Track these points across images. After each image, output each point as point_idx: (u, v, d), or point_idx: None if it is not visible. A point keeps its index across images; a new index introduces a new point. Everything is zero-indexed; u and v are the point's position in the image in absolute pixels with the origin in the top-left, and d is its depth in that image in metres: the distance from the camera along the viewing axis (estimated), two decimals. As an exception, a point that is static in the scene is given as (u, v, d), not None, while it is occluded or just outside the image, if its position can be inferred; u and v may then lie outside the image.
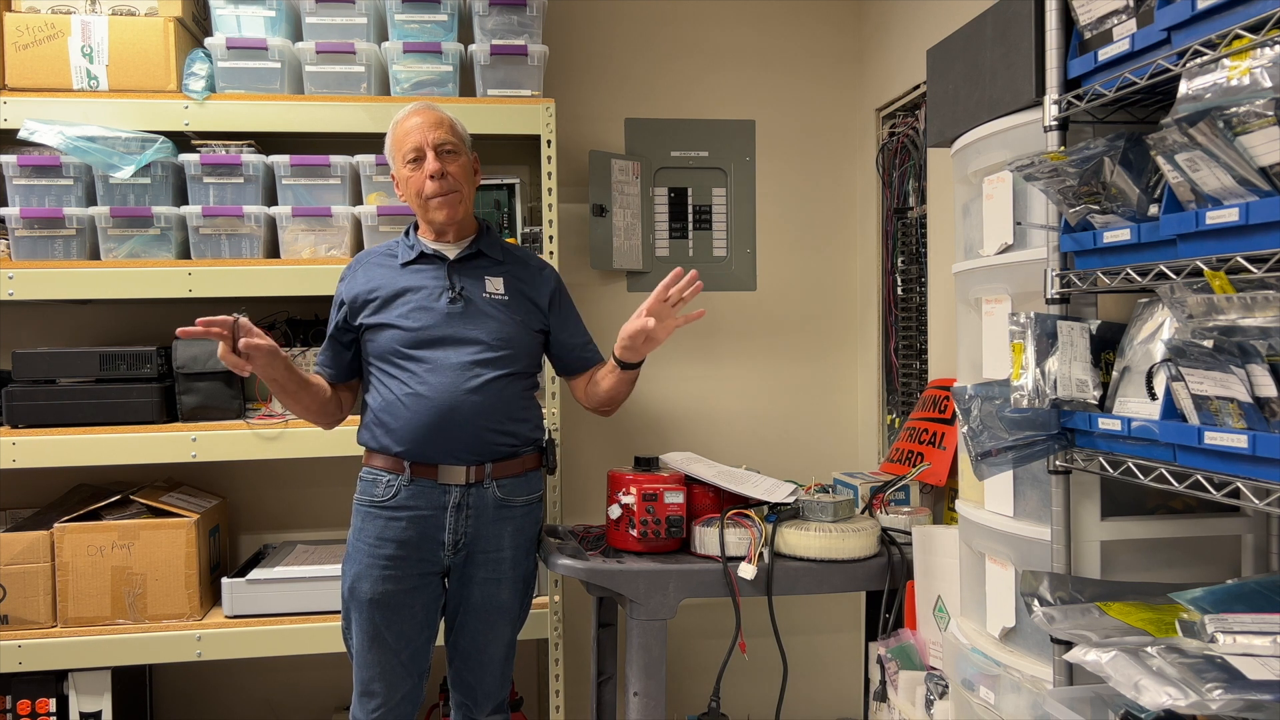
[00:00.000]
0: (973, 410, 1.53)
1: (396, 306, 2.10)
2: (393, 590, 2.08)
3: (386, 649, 2.09)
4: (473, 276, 2.15)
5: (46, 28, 2.51)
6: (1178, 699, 1.09)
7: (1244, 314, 1.10)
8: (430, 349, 2.07)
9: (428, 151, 2.07)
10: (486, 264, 2.18)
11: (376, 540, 2.08)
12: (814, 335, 3.31)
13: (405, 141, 2.09)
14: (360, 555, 2.09)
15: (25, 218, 2.49)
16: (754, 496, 2.26)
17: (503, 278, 2.18)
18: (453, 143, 2.10)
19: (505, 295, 2.16)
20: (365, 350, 2.15)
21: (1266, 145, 1.07)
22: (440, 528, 2.08)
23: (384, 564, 2.07)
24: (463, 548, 2.11)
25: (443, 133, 2.09)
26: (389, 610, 2.08)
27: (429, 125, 2.09)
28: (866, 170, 3.23)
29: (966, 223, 1.82)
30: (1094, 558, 1.52)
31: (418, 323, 2.08)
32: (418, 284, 2.12)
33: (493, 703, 2.22)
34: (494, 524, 2.12)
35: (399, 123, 2.13)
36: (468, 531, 2.10)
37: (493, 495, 2.11)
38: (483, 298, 2.13)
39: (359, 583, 2.09)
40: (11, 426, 2.50)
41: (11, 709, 2.49)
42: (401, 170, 2.12)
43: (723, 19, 3.23)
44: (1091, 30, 1.44)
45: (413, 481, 2.07)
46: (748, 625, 2.14)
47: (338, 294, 2.19)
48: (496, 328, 2.12)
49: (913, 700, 2.07)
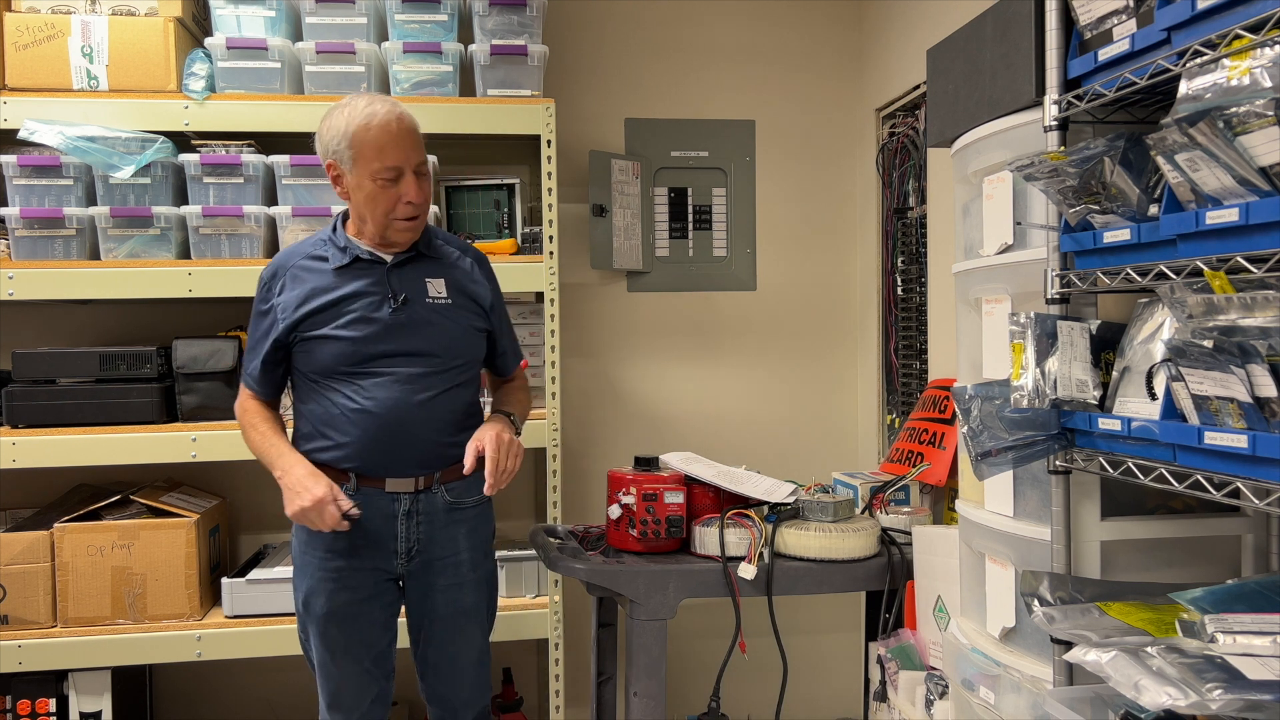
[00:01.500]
0: (973, 410, 1.53)
1: (336, 318, 1.96)
2: (348, 600, 2.00)
3: (349, 658, 2.02)
4: (413, 280, 2.02)
5: (46, 28, 2.50)
6: (1178, 699, 1.09)
7: (1244, 314, 1.10)
8: (375, 363, 1.96)
9: (408, 173, 1.94)
10: (426, 265, 2.04)
11: (326, 553, 1.99)
12: (814, 335, 3.31)
13: (383, 155, 1.91)
14: (310, 569, 2.01)
15: (25, 218, 2.49)
16: (754, 496, 2.26)
17: (443, 278, 2.05)
18: (424, 158, 1.99)
19: (448, 298, 2.04)
20: (302, 362, 2.00)
21: (1266, 145, 1.07)
22: (392, 536, 2.00)
23: (335, 576, 1.99)
24: (416, 554, 2.03)
25: (420, 150, 1.97)
26: (346, 621, 2.01)
27: (411, 144, 1.94)
28: (866, 170, 3.23)
29: (966, 223, 1.82)
30: (1094, 558, 1.52)
31: (360, 334, 1.95)
32: (355, 291, 1.97)
33: (473, 711, 2.15)
34: (446, 528, 2.04)
35: (367, 126, 1.90)
36: (420, 538, 2.02)
37: (442, 499, 2.03)
38: (425, 303, 2.01)
39: (313, 598, 2.01)
40: (11, 426, 2.50)
41: (11, 709, 2.49)
42: (366, 180, 1.93)
43: (723, 19, 3.23)
44: (1091, 30, 1.44)
45: (359, 491, 1.97)
46: (748, 625, 2.14)
47: (261, 307, 2.02)
48: (441, 335, 2.01)
49: (913, 700, 2.07)
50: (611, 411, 3.17)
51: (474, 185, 2.77)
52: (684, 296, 3.25)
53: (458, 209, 2.78)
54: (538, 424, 2.67)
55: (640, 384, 3.22)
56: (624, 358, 3.20)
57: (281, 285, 2.00)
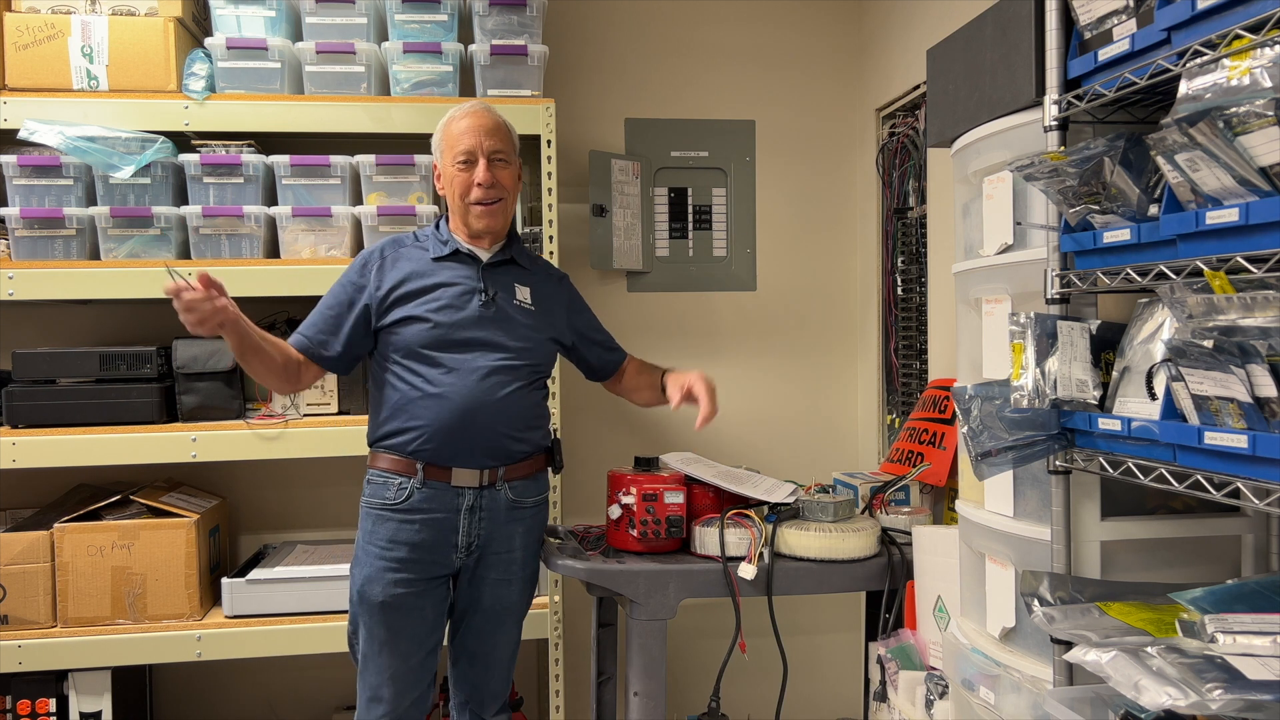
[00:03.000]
0: (973, 410, 1.53)
1: (427, 301, 2.07)
2: (403, 594, 2.06)
3: (396, 653, 2.07)
4: (503, 282, 2.15)
5: (46, 28, 2.51)
6: (1178, 699, 1.09)
7: (1244, 314, 1.10)
8: (456, 350, 2.06)
9: (480, 158, 2.07)
10: (517, 271, 2.19)
11: (388, 543, 2.06)
12: (814, 335, 3.31)
13: (460, 141, 2.07)
14: (370, 558, 2.07)
15: (25, 218, 2.49)
16: (754, 496, 2.26)
17: (530, 287, 2.18)
18: (505, 151, 2.11)
19: (532, 305, 2.17)
20: (385, 344, 2.10)
21: (1266, 145, 1.07)
22: (454, 530, 2.08)
23: (395, 567, 2.05)
24: (475, 549, 2.11)
25: (498, 141, 2.09)
26: (399, 613, 2.06)
27: (486, 130, 2.08)
28: (866, 170, 3.23)
29: (966, 223, 1.82)
30: (1094, 558, 1.52)
31: (447, 319, 2.06)
32: (450, 280, 2.10)
33: (499, 702, 2.24)
34: (506, 525, 2.13)
35: (454, 119, 2.11)
36: (481, 533, 2.10)
37: (505, 497, 2.11)
38: (513, 304, 2.14)
39: (369, 586, 2.06)
40: (11, 426, 2.50)
41: (11, 709, 2.49)
42: (449, 168, 2.10)
43: (723, 19, 3.23)
44: (1091, 30, 1.44)
45: (425, 484, 2.06)
46: (748, 625, 2.14)
47: (356, 280, 2.11)
48: (523, 336, 2.12)
49: (913, 700, 2.07)
50: (611, 411, 3.17)
51: (474, 185, 2.77)
52: (684, 296, 3.25)
53: (458, 209, 2.78)
54: (538, 424, 2.67)
55: (640, 384, 3.22)
56: (624, 358, 3.20)
57: (380, 264, 2.12)
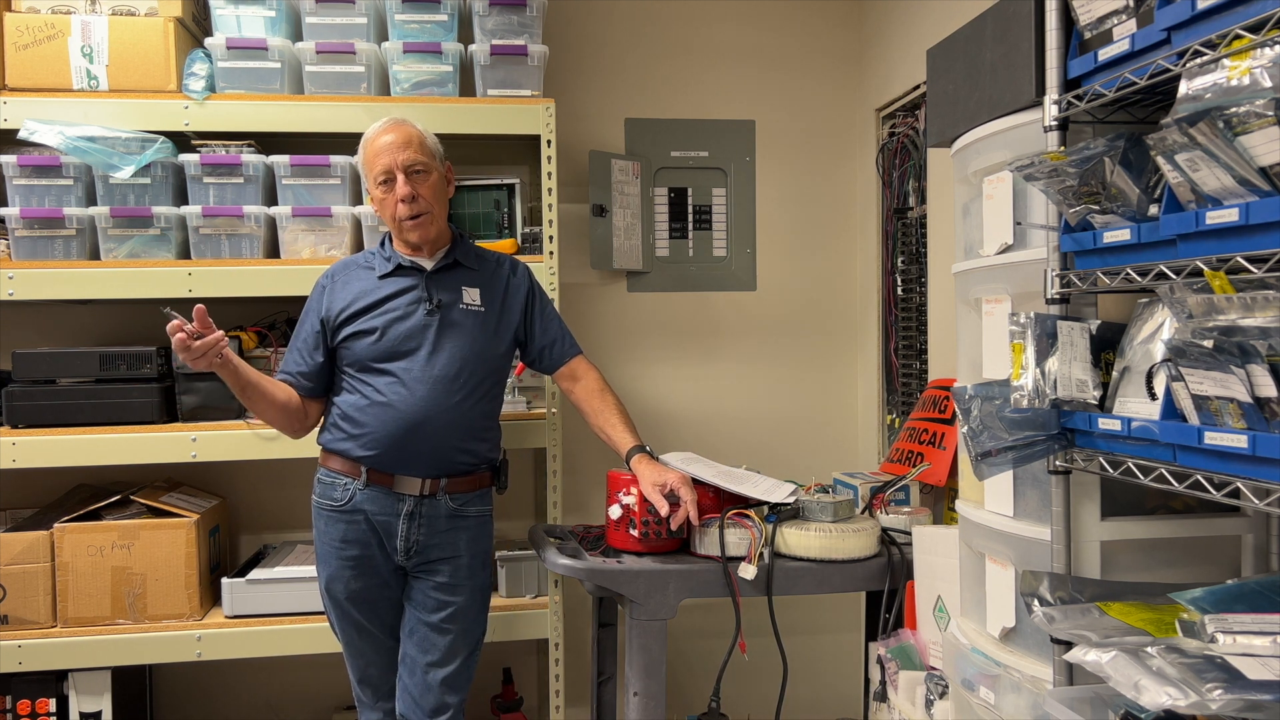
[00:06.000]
0: (973, 410, 1.53)
1: (374, 316, 2.12)
2: (365, 586, 2.14)
3: (371, 639, 2.18)
4: (450, 287, 2.17)
5: (46, 28, 2.50)
6: (1178, 699, 1.09)
7: (1244, 314, 1.10)
8: (404, 360, 2.10)
9: (398, 174, 2.08)
10: (463, 274, 2.20)
11: (341, 543, 2.13)
12: (814, 335, 3.31)
13: (375, 163, 2.09)
14: (329, 556, 2.15)
15: (25, 218, 2.49)
16: (754, 496, 2.26)
17: (479, 287, 2.20)
18: (422, 162, 2.10)
19: (481, 306, 2.18)
20: (340, 358, 2.16)
21: (1266, 145, 1.07)
22: (392, 534, 2.12)
23: (351, 564, 2.13)
24: (414, 554, 2.14)
25: (411, 153, 2.09)
26: (366, 606, 2.16)
27: (398, 146, 2.08)
28: (866, 170, 3.23)
29: (966, 223, 1.82)
30: (1094, 558, 1.52)
31: (394, 332, 2.10)
32: (394, 292, 2.14)
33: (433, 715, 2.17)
34: (447, 532, 2.15)
35: (369, 141, 2.12)
36: (419, 539, 2.13)
37: (445, 505, 2.15)
38: (460, 309, 2.15)
39: (333, 584, 2.15)
40: (11, 426, 2.50)
41: (11, 709, 2.49)
42: (374, 191, 2.13)
43: (723, 19, 3.23)
44: (1091, 30, 1.44)
45: (368, 486, 2.10)
46: (748, 625, 2.14)
47: (314, 306, 2.19)
48: (470, 343, 2.14)
49: (913, 700, 2.07)
50: (611, 411, 3.17)
51: (474, 185, 2.77)
52: (684, 296, 3.25)
53: (458, 209, 2.78)
54: (538, 424, 2.67)
55: (640, 384, 3.22)
56: (624, 358, 3.20)
57: (331, 286, 2.19)
